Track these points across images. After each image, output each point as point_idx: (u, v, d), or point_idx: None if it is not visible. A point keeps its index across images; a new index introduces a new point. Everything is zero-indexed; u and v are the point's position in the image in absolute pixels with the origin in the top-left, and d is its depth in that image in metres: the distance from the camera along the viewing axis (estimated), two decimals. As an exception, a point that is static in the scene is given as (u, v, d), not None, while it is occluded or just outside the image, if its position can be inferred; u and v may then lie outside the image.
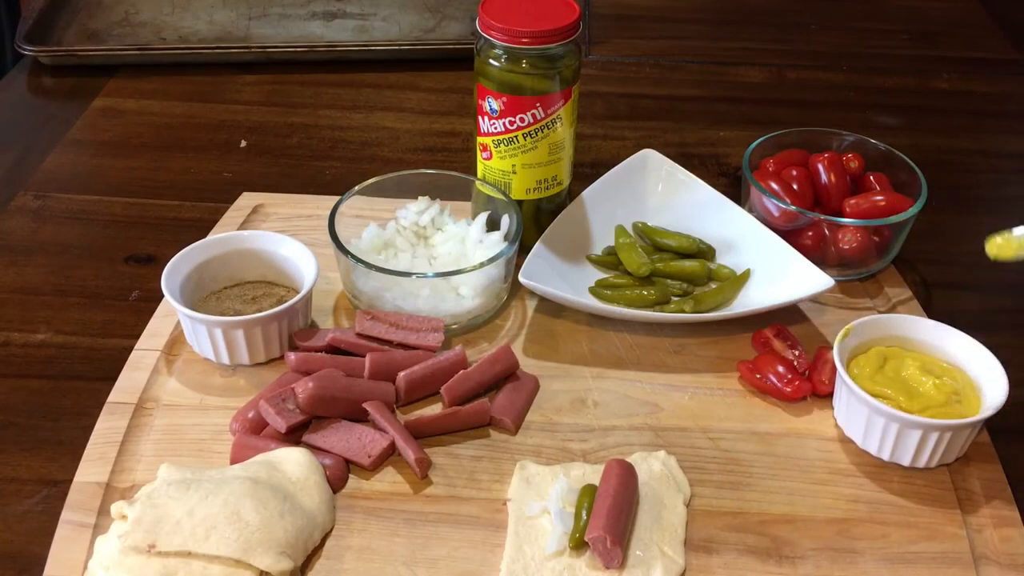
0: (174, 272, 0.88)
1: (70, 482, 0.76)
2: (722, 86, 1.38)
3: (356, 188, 0.96)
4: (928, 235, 1.06)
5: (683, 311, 0.93)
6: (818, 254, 0.97)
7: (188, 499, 0.69)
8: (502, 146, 0.94)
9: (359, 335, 0.87)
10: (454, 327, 0.92)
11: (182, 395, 0.84)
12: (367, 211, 0.97)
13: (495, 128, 0.93)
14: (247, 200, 1.08)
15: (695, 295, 0.96)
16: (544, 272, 0.93)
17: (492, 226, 0.96)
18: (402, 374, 0.83)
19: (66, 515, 0.73)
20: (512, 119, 0.92)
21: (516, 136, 0.93)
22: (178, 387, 0.85)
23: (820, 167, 1.03)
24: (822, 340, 0.92)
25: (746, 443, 0.82)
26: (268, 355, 0.87)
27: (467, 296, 0.91)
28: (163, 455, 0.78)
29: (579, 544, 0.71)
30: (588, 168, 1.15)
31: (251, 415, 0.80)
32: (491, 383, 0.85)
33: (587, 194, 1.02)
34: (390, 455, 0.80)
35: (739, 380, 0.88)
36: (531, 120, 0.92)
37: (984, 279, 1.04)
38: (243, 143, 1.21)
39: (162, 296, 0.86)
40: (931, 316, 0.91)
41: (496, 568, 0.71)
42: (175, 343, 0.89)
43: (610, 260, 1.00)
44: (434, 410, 0.84)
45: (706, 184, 1.03)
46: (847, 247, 0.96)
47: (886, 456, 0.80)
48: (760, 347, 0.91)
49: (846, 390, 0.80)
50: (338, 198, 0.94)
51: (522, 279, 0.89)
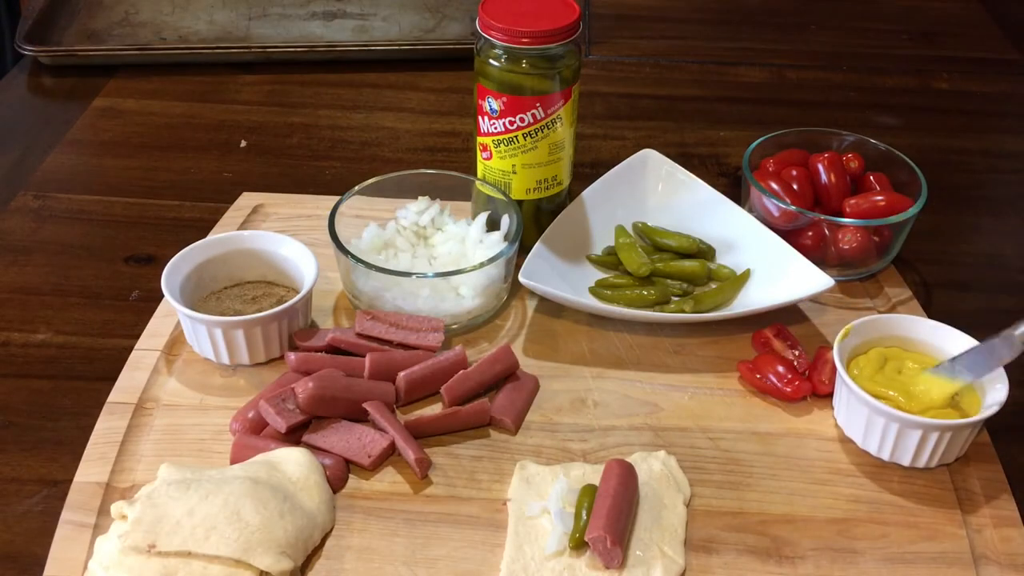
0: (174, 272, 0.88)
1: (70, 482, 0.76)
2: (722, 86, 1.38)
3: (356, 188, 0.96)
4: (928, 235, 1.06)
5: (683, 311, 0.93)
6: (818, 254, 0.97)
7: (188, 499, 0.69)
8: (502, 146, 0.94)
9: (359, 335, 0.87)
10: (454, 327, 0.92)
11: (182, 395, 0.84)
12: (367, 211, 0.97)
13: (495, 128, 0.93)
14: (247, 200, 1.08)
15: (695, 295, 0.96)
16: (544, 272, 0.93)
17: (492, 226, 0.96)
18: (402, 374, 0.83)
19: (66, 515, 0.73)
20: (512, 119, 0.92)
21: (516, 136, 0.93)
22: (178, 387, 0.85)
23: (820, 167, 1.03)
24: (822, 340, 0.92)
25: (746, 443, 0.82)
26: (268, 355, 0.87)
27: (467, 296, 0.91)
28: (163, 455, 0.78)
29: (579, 544, 0.71)
30: (588, 168, 1.15)
31: (251, 415, 0.80)
32: (491, 383, 0.85)
33: (587, 194, 1.02)
34: (390, 455, 0.80)
35: (739, 380, 0.88)
36: (531, 120, 0.92)
37: (984, 279, 1.04)
38: (243, 143, 1.21)
39: (162, 296, 0.86)
40: (931, 316, 0.91)
41: (496, 568, 0.71)
42: (175, 343, 0.89)
43: (610, 260, 1.00)
44: (434, 410, 0.84)
45: (706, 184, 1.03)
46: (847, 247, 0.96)
47: (886, 456, 0.80)
48: (760, 347, 0.91)
49: (846, 390, 0.80)
50: (338, 198, 0.94)
51: (522, 279, 0.89)
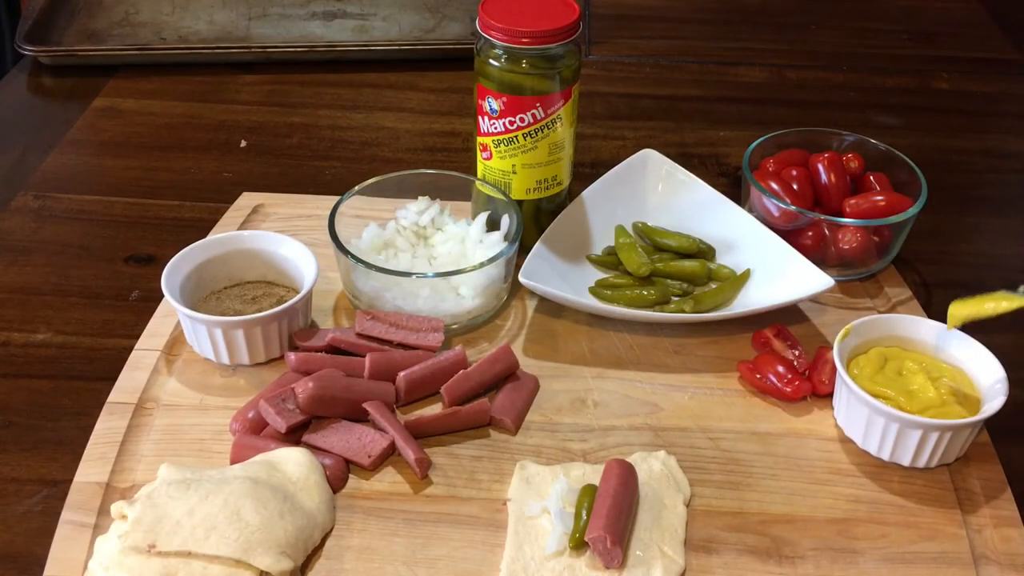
0: (174, 272, 0.88)
1: (70, 482, 0.76)
2: (722, 86, 1.38)
3: (356, 188, 0.96)
4: (928, 235, 1.06)
5: (683, 311, 0.93)
6: (818, 254, 0.97)
7: (188, 499, 0.69)
8: (502, 146, 0.94)
9: (359, 335, 0.87)
10: (454, 327, 0.92)
11: (182, 395, 0.84)
12: (367, 211, 0.97)
13: (495, 128, 0.93)
14: (247, 200, 1.08)
15: (695, 295, 0.96)
16: (544, 272, 0.93)
17: (492, 226, 0.96)
18: (402, 374, 0.83)
19: (66, 515, 0.73)
20: (512, 119, 0.92)
21: (516, 136, 0.93)
22: (178, 387, 0.85)
23: (820, 167, 1.03)
24: (822, 340, 0.92)
25: (746, 443, 0.82)
26: (268, 355, 0.87)
27: (467, 296, 0.91)
28: (163, 455, 0.78)
29: (579, 544, 0.71)
30: (588, 168, 1.15)
31: (251, 415, 0.80)
32: (491, 383, 0.85)
33: (587, 194, 1.02)
34: (390, 455, 0.80)
35: (739, 380, 0.88)
36: (531, 120, 0.92)
37: (984, 279, 1.04)
38: (243, 143, 1.21)
39: (162, 296, 0.86)
40: (931, 316, 0.91)
41: (496, 568, 0.71)
42: (175, 343, 0.89)
43: (610, 260, 1.00)
44: (434, 410, 0.84)
45: (706, 184, 1.03)
46: (847, 247, 0.96)
47: (886, 456, 0.80)
48: (760, 347, 0.91)
49: (846, 390, 0.80)
50: (338, 198, 0.94)
51: (522, 279, 0.89)
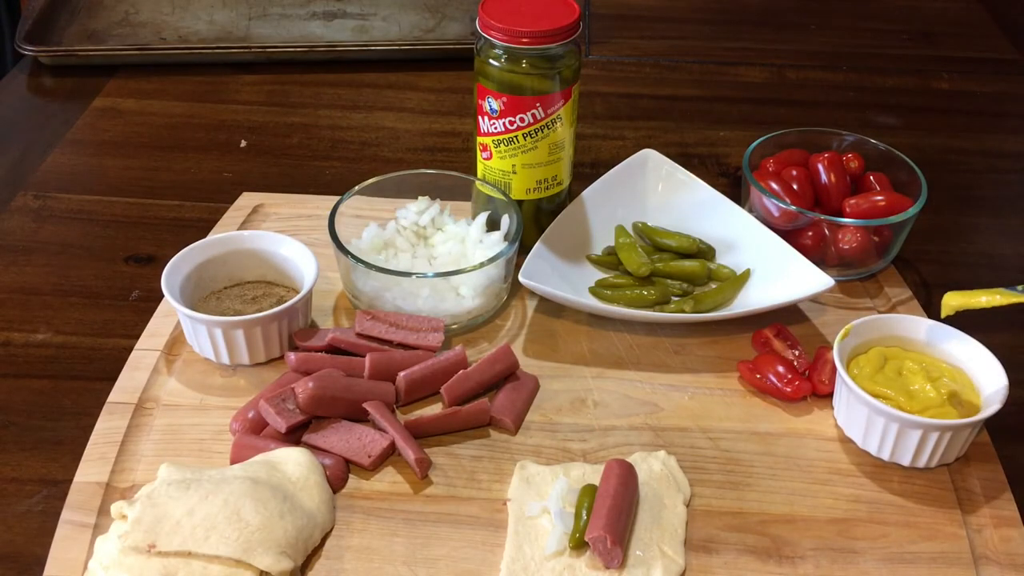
0: (174, 272, 0.88)
1: (70, 482, 0.76)
2: (722, 86, 1.38)
3: (356, 188, 0.96)
4: (928, 235, 1.06)
5: (683, 311, 0.93)
6: (818, 254, 0.97)
7: (188, 499, 0.69)
8: (502, 146, 0.94)
9: (359, 335, 0.87)
10: (454, 327, 0.92)
11: (182, 395, 0.84)
12: (367, 211, 0.97)
13: (495, 128, 0.93)
14: (247, 200, 1.08)
15: (695, 295, 0.96)
16: (544, 272, 0.93)
17: (492, 226, 0.96)
18: (402, 374, 0.83)
19: (66, 515, 0.73)
20: (512, 119, 0.92)
21: (516, 136, 0.93)
22: (178, 387, 0.85)
23: (820, 167, 1.03)
24: (822, 340, 0.92)
25: (746, 443, 0.82)
26: (268, 355, 0.87)
27: (467, 296, 0.91)
28: (163, 455, 0.78)
29: (579, 544, 0.71)
30: (588, 168, 1.15)
31: (251, 415, 0.80)
32: (491, 383, 0.85)
33: (587, 194, 1.02)
34: (390, 455, 0.80)
35: (739, 380, 0.88)
36: (531, 120, 0.92)
37: (984, 279, 1.04)
38: (243, 143, 1.21)
39: (162, 296, 0.86)
40: (931, 316, 0.91)
41: (496, 568, 0.71)
42: (175, 343, 0.89)
43: (610, 260, 1.00)
44: (434, 410, 0.84)
45: (706, 184, 1.03)
46: (847, 247, 0.96)
47: (886, 456, 0.80)
48: (760, 347, 0.91)
49: (846, 390, 0.80)
50: (338, 198, 0.94)
51: (522, 279, 0.89)
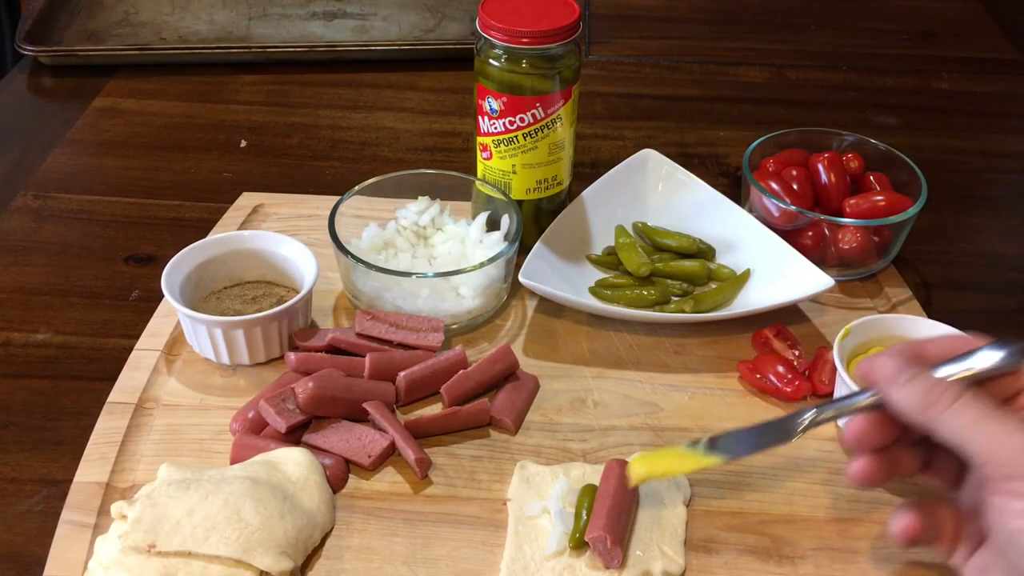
0: (174, 272, 0.88)
1: (70, 482, 0.76)
2: (722, 86, 1.38)
3: (356, 188, 0.96)
4: (928, 235, 1.06)
5: (683, 311, 0.93)
6: (818, 254, 0.97)
7: (188, 499, 0.69)
8: (502, 146, 0.94)
9: (359, 335, 0.87)
10: (454, 327, 0.92)
11: (182, 395, 0.84)
12: (367, 211, 0.97)
13: (495, 128, 0.93)
14: (247, 200, 1.08)
15: (695, 295, 0.96)
16: (544, 272, 0.93)
17: (492, 226, 0.96)
18: (402, 374, 0.83)
19: (66, 515, 0.73)
20: (512, 119, 0.92)
21: (516, 136, 0.93)
22: (178, 387, 0.85)
23: (820, 167, 1.03)
24: (822, 340, 0.92)
25: (746, 443, 0.82)
26: (268, 355, 0.87)
27: (467, 296, 0.91)
28: (163, 455, 0.78)
29: (579, 544, 0.71)
30: (588, 168, 1.15)
31: (251, 415, 0.80)
32: (491, 383, 0.85)
33: (587, 194, 1.02)
34: (390, 455, 0.80)
35: (739, 380, 0.88)
36: (531, 120, 0.92)
37: (984, 279, 1.04)
38: (243, 143, 1.21)
39: (162, 296, 0.86)
40: (931, 316, 0.91)
41: (496, 568, 0.71)
42: (175, 343, 0.89)
43: (610, 260, 1.00)
44: (434, 410, 0.84)
45: (706, 184, 1.03)
46: (847, 247, 0.96)
47: (886, 456, 0.80)
48: (760, 347, 0.91)
49: (846, 390, 0.80)
50: (338, 198, 0.94)
51: (522, 279, 0.89)
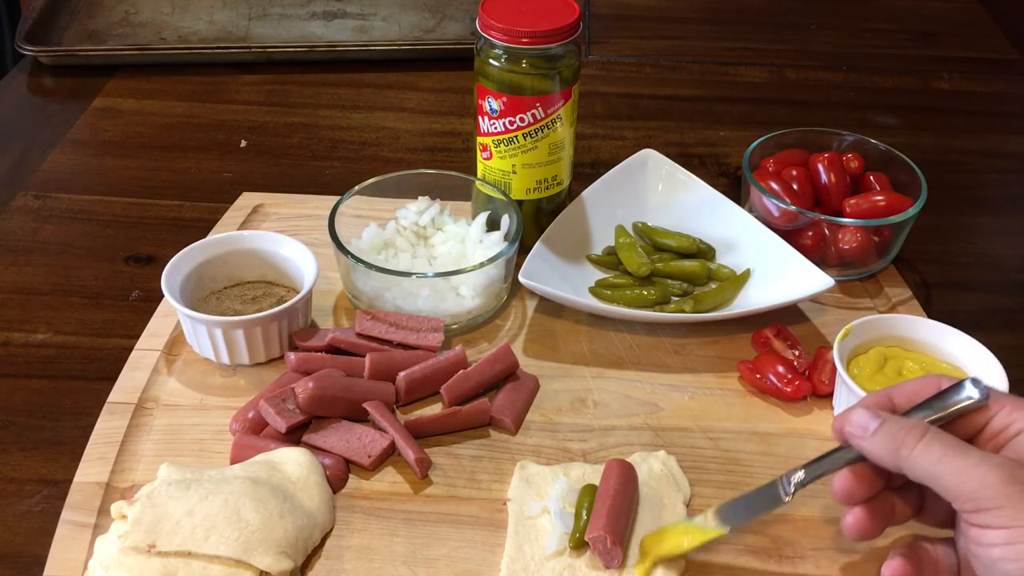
0: (174, 272, 0.88)
1: (70, 482, 0.76)
2: (722, 86, 1.38)
3: (356, 188, 0.96)
4: (928, 235, 1.06)
5: (683, 311, 0.93)
6: (818, 254, 0.97)
7: (188, 499, 0.69)
8: (502, 146, 0.94)
9: (359, 335, 0.87)
10: (454, 327, 0.92)
11: (182, 395, 0.84)
12: (367, 211, 0.97)
13: (495, 128, 0.93)
14: (247, 200, 1.08)
15: (695, 295, 0.96)
16: (544, 272, 0.93)
17: (492, 226, 0.96)
18: (402, 374, 0.83)
19: (66, 515, 0.73)
20: (512, 119, 0.92)
21: (516, 136, 0.93)
22: (178, 387, 0.85)
23: (820, 167, 1.03)
24: (822, 340, 0.92)
25: (746, 443, 0.82)
26: (268, 355, 0.87)
27: (467, 296, 0.91)
28: (163, 455, 0.78)
29: (579, 544, 0.71)
30: (588, 168, 1.15)
31: (251, 415, 0.80)
32: (491, 383, 0.85)
33: (587, 194, 1.02)
34: (390, 455, 0.80)
35: (739, 380, 0.88)
36: (531, 120, 0.92)
37: (984, 279, 1.04)
38: (243, 143, 1.21)
39: (162, 296, 0.86)
40: (931, 316, 0.91)
41: (496, 568, 0.71)
42: (175, 343, 0.89)
43: (610, 260, 1.00)
44: (434, 410, 0.84)
45: (706, 184, 1.03)
46: (847, 247, 0.96)
47: (886, 456, 0.80)
48: (760, 347, 0.91)
49: (846, 390, 0.80)
50: (338, 198, 0.94)
51: (522, 279, 0.89)
